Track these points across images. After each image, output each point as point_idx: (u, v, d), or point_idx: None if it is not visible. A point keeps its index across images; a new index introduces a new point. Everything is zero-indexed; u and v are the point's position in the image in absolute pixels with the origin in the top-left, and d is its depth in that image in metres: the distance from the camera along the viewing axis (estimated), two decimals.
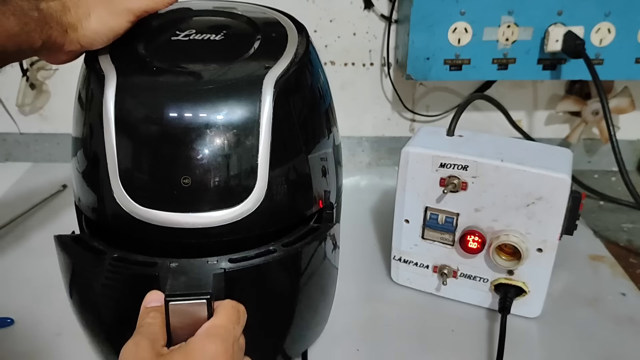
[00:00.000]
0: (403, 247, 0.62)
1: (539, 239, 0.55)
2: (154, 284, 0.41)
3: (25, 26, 0.41)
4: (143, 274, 0.43)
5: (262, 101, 0.44)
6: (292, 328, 0.51)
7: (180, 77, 0.46)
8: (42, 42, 0.42)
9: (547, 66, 0.80)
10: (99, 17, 0.45)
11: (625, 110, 0.88)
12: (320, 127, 0.51)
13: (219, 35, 0.49)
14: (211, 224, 0.44)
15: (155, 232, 0.44)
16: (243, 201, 0.44)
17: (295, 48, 0.49)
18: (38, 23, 0.42)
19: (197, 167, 0.43)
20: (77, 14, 0.44)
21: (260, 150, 0.44)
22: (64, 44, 0.44)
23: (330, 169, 0.53)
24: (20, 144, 0.95)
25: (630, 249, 0.74)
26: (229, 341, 0.38)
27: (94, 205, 0.48)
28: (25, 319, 0.59)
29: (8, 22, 0.40)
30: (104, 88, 0.44)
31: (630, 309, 0.62)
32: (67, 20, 0.43)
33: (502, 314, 0.57)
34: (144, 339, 0.37)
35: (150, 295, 0.40)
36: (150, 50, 0.47)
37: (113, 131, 0.43)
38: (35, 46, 0.42)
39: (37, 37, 0.42)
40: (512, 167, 0.54)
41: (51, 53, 0.45)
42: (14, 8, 0.41)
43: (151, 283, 0.41)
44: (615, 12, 0.76)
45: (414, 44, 0.78)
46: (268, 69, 0.45)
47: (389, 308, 0.62)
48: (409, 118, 0.93)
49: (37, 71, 0.87)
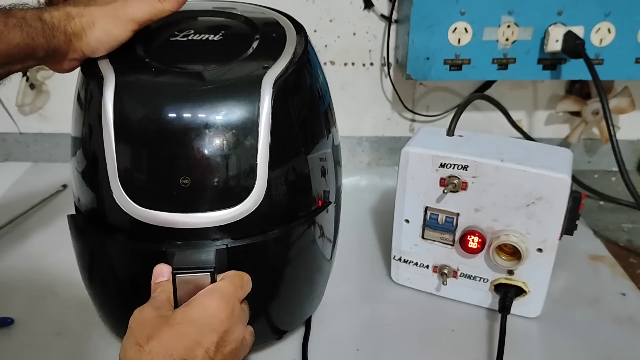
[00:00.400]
0: (403, 247, 0.62)
1: (539, 239, 0.55)
2: (162, 259, 0.44)
3: (28, 37, 0.41)
4: (152, 250, 0.45)
5: (260, 101, 0.44)
6: (289, 300, 0.53)
7: (178, 77, 0.46)
8: (46, 52, 0.43)
9: (547, 66, 0.80)
10: (103, 26, 0.45)
11: (625, 110, 0.88)
12: (319, 127, 0.51)
13: (218, 36, 0.49)
14: (210, 224, 0.44)
15: (154, 232, 0.44)
16: (242, 201, 0.44)
17: (294, 48, 0.49)
18: (42, 33, 0.42)
19: (197, 167, 0.43)
20: (81, 23, 0.44)
21: (260, 150, 0.44)
22: (68, 52, 0.45)
23: (330, 169, 0.53)
24: (20, 144, 0.95)
25: (630, 249, 0.74)
26: (230, 301, 0.41)
27: (93, 205, 0.48)
28: (25, 319, 0.59)
29: (12, 34, 0.40)
30: (103, 89, 0.44)
31: (630, 309, 0.62)
32: (71, 30, 0.43)
33: (502, 314, 0.57)
34: (148, 306, 0.41)
35: (158, 268, 0.44)
36: (148, 51, 0.47)
37: (112, 132, 0.43)
38: (38, 56, 0.43)
39: (40, 47, 0.42)
40: (512, 167, 0.54)
41: (55, 62, 0.46)
42: (17, 20, 0.41)
43: (159, 258, 0.44)
44: (615, 12, 0.76)
45: (414, 44, 0.78)
46: (267, 69, 0.45)
47: (389, 308, 0.62)
48: (409, 118, 0.93)
49: (37, 71, 0.87)
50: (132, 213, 0.44)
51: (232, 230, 0.45)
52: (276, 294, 0.51)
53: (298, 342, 0.57)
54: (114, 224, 0.47)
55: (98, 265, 0.52)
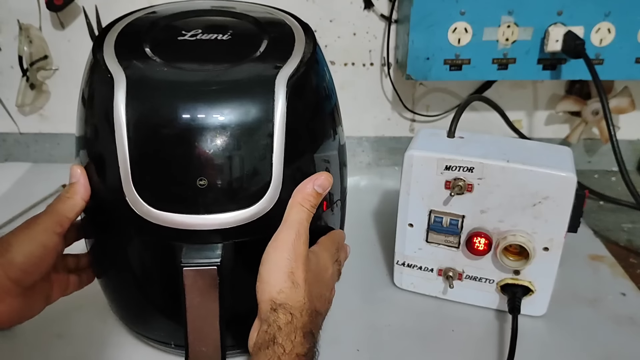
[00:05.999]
0: (407, 252, 0.62)
1: (546, 238, 0.55)
2: (170, 253, 0.44)
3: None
4: (160, 246, 0.46)
5: (275, 100, 0.44)
6: None
7: (191, 77, 0.45)
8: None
9: (547, 66, 0.80)
10: (21, 243, 0.44)
11: (625, 110, 0.88)
12: (328, 126, 0.51)
13: (226, 35, 0.49)
14: (225, 225, 0.44)
15: (168, 234, 0.44)
16: (258, 201, 0.44)
17: (303, 47, 0.49)
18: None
19: (213, 167, 0.43)
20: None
21: (275, 150, 0.44)
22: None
23: (336, 168, 0.53)
24: (20, 144, 0.95)
25: (630, 249, 0.74)
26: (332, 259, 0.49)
27: (100, 207, 0.48)
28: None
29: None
30: (114, 89, 0.43)
31: (630, 309, 0.62)
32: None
33: (512, 314, 0.57)
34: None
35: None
36: (157, 50, 0.47)
37: (125, 135, 0.43)
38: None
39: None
40: (518, 167, 0.54)
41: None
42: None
43: (168, 252, 0.44)
44: (615, 12, 0.76)
45: (414, 44, 0.78)
46: (279, 68, 0.45)
47: (393, 313, 0.62)
48: (409, 118, 0.93)
49: (37, 71, 0.87)
50: (146, 216, 0.43)
51: (245, 230, 0.45)
52: None
53: None
54: (125, 225, 0.46)
55: (108, 259, 0.52)
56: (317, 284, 0.46)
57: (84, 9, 0.85)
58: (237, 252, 0.45)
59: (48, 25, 0.86)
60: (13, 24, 0.85)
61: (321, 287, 0.47)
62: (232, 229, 0.44)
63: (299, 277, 0.43)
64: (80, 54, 0.59)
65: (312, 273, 0.45)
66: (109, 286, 0.54)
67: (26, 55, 0.85)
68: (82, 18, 0.86)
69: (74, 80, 0.49)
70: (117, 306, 0.55)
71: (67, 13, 0.85)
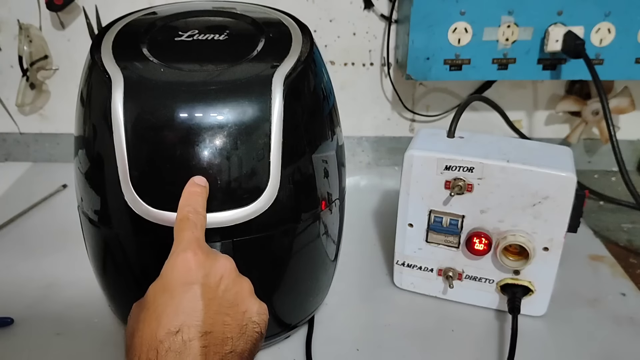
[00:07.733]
0: (406, 252, 0.62)
1: (546, 238, 0.55)
2: (169, 252, 0.42)
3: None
4: (158, 244, 0.44)
5: (272, 99, 0.44)
6: (293, 294, 0.53)
7: (188, 77, 0.45)
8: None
9: (547, 66, 0.80)
10: None
11: (625, 110, 0.88)
12: (325, 126, 0.51)
13: (223, 35, 0.49)
14: (223, 224, 0.44)
15: (167, 233, 0.44)
16: (255, 200, 0.44)
17: (300, 47, 0.49)
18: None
19: (212, 167, 0.43)
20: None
21: (272, 149, 0.44)
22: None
23: (335, 168, 0.53)
24: (20, 144, 0.95)
25: (630, 249, 0.74)
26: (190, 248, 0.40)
27: (99, 207, 0.48)
28: (25, 319, 0.59)
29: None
30: (112, 90, 0.43)
31: (630, 309, 0.62)
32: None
33: (512, 314, 0.57)
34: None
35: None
36: (154, 51, 0.47)
37: (123, 135, 0.43)
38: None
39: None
40: (518, 167, 0.54)
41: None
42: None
43: (167, 251, 0.42)
44: (615, 12, 0.76)
45: (414, 44, 0.78)
46: (276, 67, 0.45)
47: (393, 313, 0.62)
48: (409, 118, 0.93)
49: (37, 71, 0.87)
50: (144, 215, 0.44)
51: (242, 228, 0.45)
52: (280, 288, 0.51)
53: (299, 342, 0.57)
54: (123, 224, 0.46)
55: (107, 258, 0.52)
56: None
57: (84, 9, 0.85)
58: (235, 251, 0.45)
59: (48, 25, 0.86)
60: (13, 24, 0.85)
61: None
62: (230, 228, 0.44)
63: None
64: (80, 54, 0.59)
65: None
66: (109, 285, 0.54)
67: (26, 55, 0.85)
68: (82, 18, 0.86)
69: (74, 80, 0.50)
70: (117, 305, 0.55)
71: (67, 13, 0.85)
